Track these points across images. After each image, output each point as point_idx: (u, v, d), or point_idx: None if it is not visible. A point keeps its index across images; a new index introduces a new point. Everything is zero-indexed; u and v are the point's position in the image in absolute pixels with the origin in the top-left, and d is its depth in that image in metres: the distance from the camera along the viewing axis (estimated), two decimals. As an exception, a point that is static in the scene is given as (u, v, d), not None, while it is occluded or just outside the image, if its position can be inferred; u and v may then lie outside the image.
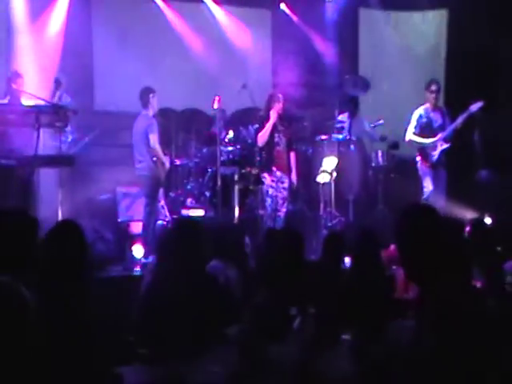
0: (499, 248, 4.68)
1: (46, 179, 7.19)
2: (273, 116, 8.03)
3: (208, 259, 4.81)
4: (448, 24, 10.79)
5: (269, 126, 8.03)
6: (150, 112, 7.91)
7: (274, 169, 8.07)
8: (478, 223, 4.56)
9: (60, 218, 6.55)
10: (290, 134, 8.33)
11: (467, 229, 4.34)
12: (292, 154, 8.29)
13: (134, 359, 3.90)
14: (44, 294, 2.99)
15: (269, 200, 8.02)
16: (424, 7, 10.78)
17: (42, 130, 6.67)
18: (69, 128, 7.51)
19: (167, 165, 7.99)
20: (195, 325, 3.77)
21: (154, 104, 7.94)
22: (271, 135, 8.08)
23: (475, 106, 8.18)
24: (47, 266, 3.27)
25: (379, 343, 3.15)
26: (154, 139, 7.72)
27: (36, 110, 6.78)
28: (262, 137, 8.06)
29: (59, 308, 3.09)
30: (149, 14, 10.21)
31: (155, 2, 10.19)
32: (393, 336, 3.07)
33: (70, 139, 7.93)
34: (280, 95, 8.26)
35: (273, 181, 8.04)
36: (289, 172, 8.17)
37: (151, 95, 7.87)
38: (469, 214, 6.66)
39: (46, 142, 7.01)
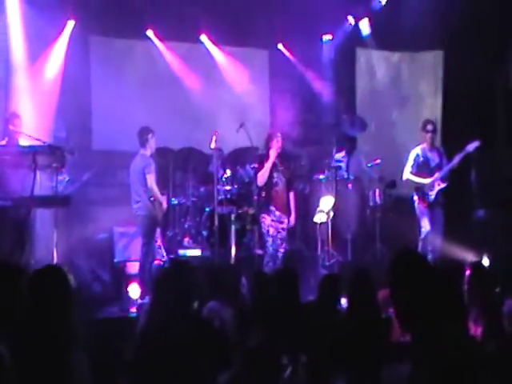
0: (498, 289, 4.64)
1: (42, 220, 7.17)
2: (272, 155, 8.00)
3: (204, 301, 4.79)
4: (444, 64, 10.88)
5: (268, 166, 7.99)
6: (148, 152, 7.92)
7: (272, 208, 8.01)
8: (477, 267, 4.51)
9: (55, 259, 6.52)
10: (289, 174, 8.29)
11: (467, 272, 4.30)
12: (291, 195, 8.23)
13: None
14: (24, 346, 2.91)
15: (270, 240, 7.94)
16: (420, 48, 10.86)
17: (40, 171, 6.71)
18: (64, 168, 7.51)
19: (165, 205, 7.97)
20: (188, 369, 3.72)
21: (152, 144, 7.96)
22: (270, 175, 8.04)
23: (472, 146, 8.19)
24: (27, 315, 3.20)
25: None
26: (151, 180, 7.71)
27: (33, 150, 6.79)
28: (262, 176, 8.02)
29: (38, 361, 3.01)
30: (146, 54, 10.30)
31: (153, 43, 10.28)
32: (387, 382, 3.03)
33: (66, 179, 7.93)
34: (279, 134, 8.25)
35: (272, 220, 7.98)
36: (288, 212, 8.10)
37: (150, 135, 7.90)
38: (467, 255, 6.62)
39: (42, 183, 7.00)
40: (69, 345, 3.19)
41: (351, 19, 10.83)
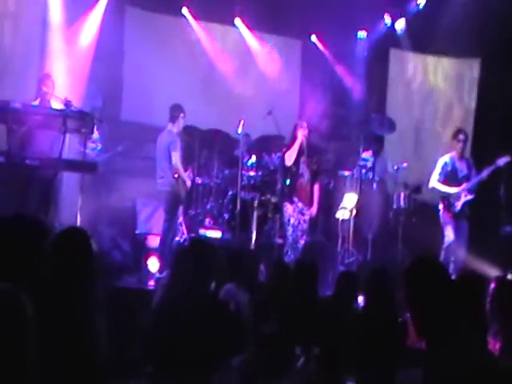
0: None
1: (68, 183, 7.19)
2: (300, 136, 8.04)
3: (221, 282, 4.81)
4: (480, 73, 10.80)
5: (297, 145, 8.02)
6: (175, 129, 7.93)
7: (295, 199, 8.05)
8: (503, 281, 4.48)
9: (78, 223, 6.55)
10: (314, 166, 8.28)
11: (492, 285, 4.27)
12: (316, 187, 8.25)
13: (139, 376, 3.88)
14: (46, 304, 2.93)
15: (290, 229, 7.97)
16: (457, 54, 10.80)
17: (71, 136, 6.72)
18: (97, 135, 7.50)
19: (188, 183, 7.99)
20: (201, 349, 3.74)
21: (181, 123, 7.98)
22: (296, 165, 8.05)
23: (502, 160, 8.06)
24: (50, 273, 3.21)
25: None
26: (175, 157, 7.73)
27: (63, 114, 6.80)
28: (290, 156, 8.03)
29: (59, 318, 3.03)
30: (181, 31, 10.31)
31: (188, 21, 10.25)
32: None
33: (99, 147, 7.92)
34: (305, 123, 8.27)
35: (294, 210, 8.01)
36: (311, 204, 8.13)
37: (182, 114, 7.93)
38: (490, 269, 6.56)
39: (74, 147, 7.01)
40: (90, 307, 3.21)
41: (388, 18, 10.79)
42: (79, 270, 3.22)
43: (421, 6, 10.44)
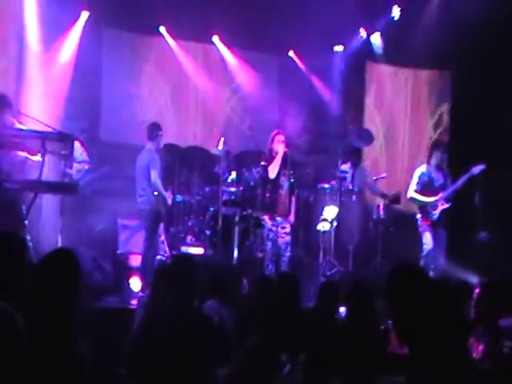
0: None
1: (49, 205, 7.16)
2: (281, 149, 8.06)
3: (204, 298, 4.83)
4: (451, 85, 10.96)
5: (278, 158, 8.05)
6: (154, 147, 7.96)
7: (274, 214, 8.07)
8: (487, 286, 4.55)
9: (59, 245, 6.52)
10: (294, 179, 8.33)
11: (476, 290, 4.35)
12: (293, 198, 8.31)
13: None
14: (32, 323, 2.94)
15: (269, 244, 8.02)
16: (429, 66, 10.95)
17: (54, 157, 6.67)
18: (85, 157, 7.44)
19: (169, 201, 8.01)
20: (186, 363, 3.76)
21: (160, 141, 8.01)
22: (277, 176, 8.09)
23: (477, 169, 8.18)
24: (38, 293, 3.23)
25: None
26: (155, 175, 7.75)
27: (42, 136, 6.74)
28: (273, 168, 8.05)
29: (46, 337, 3.04)
30: (159, 50, 10.36)
31: (165, 40, 10.32)
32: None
33: (86, 168, 7.86)
34: (282, 136, 8.21)
35: (273, 225, 8.05)
36: (288, 216, 8.17)
37: (160, 132, 7.96)
38: (468, 275, 6.63)
39: (59, 168, 6.86)
40: (74, 330, 3.23)
41: (363, 32, 10.91)
42: (67, 291, 3.25)
43: (396, 18, 10.56)
